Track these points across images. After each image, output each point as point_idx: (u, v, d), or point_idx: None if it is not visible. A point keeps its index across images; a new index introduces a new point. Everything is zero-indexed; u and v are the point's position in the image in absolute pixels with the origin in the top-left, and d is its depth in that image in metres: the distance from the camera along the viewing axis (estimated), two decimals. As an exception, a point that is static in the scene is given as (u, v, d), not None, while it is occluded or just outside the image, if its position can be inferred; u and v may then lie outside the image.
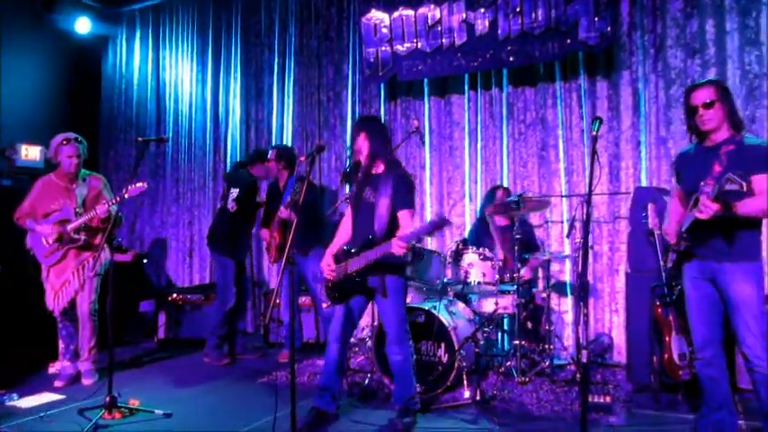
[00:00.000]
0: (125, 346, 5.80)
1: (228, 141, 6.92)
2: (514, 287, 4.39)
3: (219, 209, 5.40)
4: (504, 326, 4.87)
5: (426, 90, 5.87)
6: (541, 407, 3.83)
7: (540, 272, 4.69)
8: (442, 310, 4.14)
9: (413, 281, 4.68)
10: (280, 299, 5.43)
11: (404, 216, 3.41)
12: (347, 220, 3.67)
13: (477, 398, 3.88)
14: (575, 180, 5.21)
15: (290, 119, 6.56)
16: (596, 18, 4.86)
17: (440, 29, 5.50)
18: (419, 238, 3.41)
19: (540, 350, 4.53)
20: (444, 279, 4.58)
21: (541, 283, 4.66)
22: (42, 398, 4.16)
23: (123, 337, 5.94)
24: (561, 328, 5.17)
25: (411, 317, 4.12)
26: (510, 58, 5.24)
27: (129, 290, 6.15)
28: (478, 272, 4.42)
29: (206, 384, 4.54)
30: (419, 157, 5.84)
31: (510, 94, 5.49)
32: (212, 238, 5.33)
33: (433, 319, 4.08)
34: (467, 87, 5.67)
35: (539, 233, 5.31)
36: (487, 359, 4.48)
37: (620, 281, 4.95)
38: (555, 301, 5.15)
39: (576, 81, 5.22)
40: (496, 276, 4.41)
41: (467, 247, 4.53)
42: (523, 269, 4.53)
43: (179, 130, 7.21)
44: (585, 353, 2.76)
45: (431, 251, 4.52)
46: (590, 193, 2.82)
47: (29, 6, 6.69)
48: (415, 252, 4.27)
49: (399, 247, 3.15)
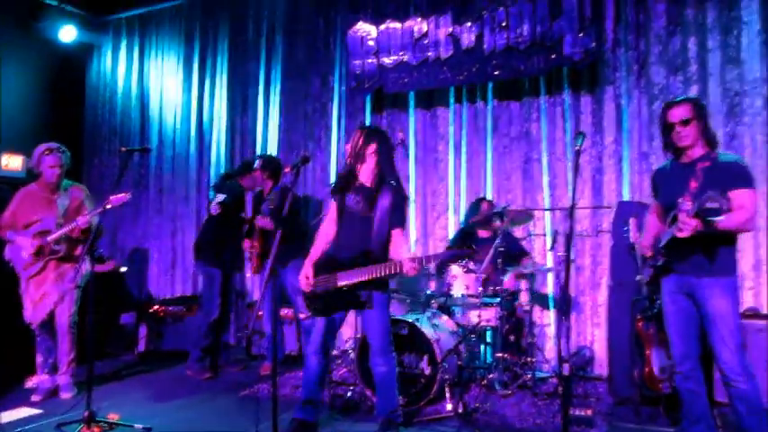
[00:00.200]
0: (105, 359, 5.71)
1: (213, 152, 6.88)
2: (497, 300, 4.41)
3: (206, 218, 5.38)
4: (487, 338, 4.87)
5: (412, 103, 5.89)
6: (523, 419, 3.84)
7: (524, 284, 4.71)
8: (425, 322, 4.14)
9: (396, 293, 4.69)
10: (262, 310, 5.40)
11: (397, 234, 3.41)
12: (328, 230, 3.58)
13: (460, 410, 3.87)
14: (558, 194, 5.25)
15: (275, 130, 6.54)
16: (581, 34, 4.92)
17: (426, 42, 5.54)
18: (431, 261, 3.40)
19: (523, 363, 4.54)
20: (428, 291, 4.59)
21: (524, 296, 4.67)
22: (19, 413, 4.09)
23: (103, 350, 5.84)
24: (543, 340, 5.19)
25: (394, 329, 4.11)
26: (495, 72, 5.28)
27: (110, 302, 6.06)
28: (461, 284, 4.44)
29: (187, 398, 4.49)
30: (404, 169, 5.84)
31: (495, 107, 5.53)
32: (198, 248, 5.30)
33: (416, 331, 4.07)
34: (452, 100, 5.70)
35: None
36: (470, 372, 4.48)
37: (602, 294, 4.97)
38: (537, 314, 5.16)
39: (561, 96, 5.27)
40: (480, 289, 4.42)
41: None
42: (507, 277, 4.56)
43: (163, 140, 7.16)
44: (567, 366, 2.78)
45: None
46: (573, 207, 2.85)
47: (14, 14, 6.62)
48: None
49: (414, 270, 3.17)
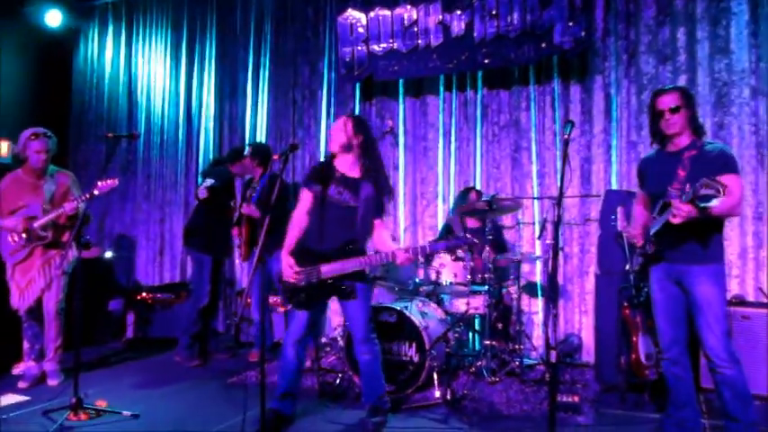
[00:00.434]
0: (92, 345, 5.68)
1: (201, 138, 6.82)
2: (485, 288, 4.43)
3: (195, 204, 5.35)
4: (476, 326, 4.90)
5: (402, 90, 5.87)
6: (511, 406, 3.87)
7: (511, 272, 4.74)
8: (413, 310, 4.15)
9: (384, 281, 4.69)
10: (250, 298, 5.39)
11: (380, 225, 3.41)
12: (302, 220, 3.43)
13: (448, 397, 3.90)
14: (546, 182, 5.27)
15: (264, 117, 6.50)
16: (571, 23, 4.92)
17: (416, 30, 5.51)
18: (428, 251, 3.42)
19: (511, 350, 4.58)
20: (416, 279, 4.60)
21: (512, 284, 4.70)
22: (6, 399, 4.07)
23: (90, 337, 5.80)
24: (531, 328, 5.22)
25: (383, 317, 4.13)
26: (485, 61, 5.28)
27: (98, 288, 6.01)
28: (450, 272, 4.46)
29: (175, 385, 4.48)
30: (393, 157, 5.84)
31: (485, 96, 5.52)
32: (188, 234, 5.28)
33: (404, 319, 4.08)
34: (442, 89, 5.69)
35: (511, 234, 5.37)
36: (458, 359, 4.50)
37: (589, 282, 5.01)
38: (525, 301, 5.19)
39: (550, 85, 5.28)
40: (468, 277, 4.44)
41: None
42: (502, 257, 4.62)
43: (151, 126, 7.08)
44: (554, 353, 2.80)
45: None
46: (561, 196, 2.86)
47: (-1, -2, 6.53)
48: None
49: (408, 260, 3.19)
